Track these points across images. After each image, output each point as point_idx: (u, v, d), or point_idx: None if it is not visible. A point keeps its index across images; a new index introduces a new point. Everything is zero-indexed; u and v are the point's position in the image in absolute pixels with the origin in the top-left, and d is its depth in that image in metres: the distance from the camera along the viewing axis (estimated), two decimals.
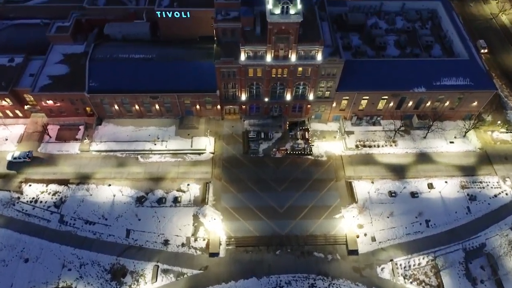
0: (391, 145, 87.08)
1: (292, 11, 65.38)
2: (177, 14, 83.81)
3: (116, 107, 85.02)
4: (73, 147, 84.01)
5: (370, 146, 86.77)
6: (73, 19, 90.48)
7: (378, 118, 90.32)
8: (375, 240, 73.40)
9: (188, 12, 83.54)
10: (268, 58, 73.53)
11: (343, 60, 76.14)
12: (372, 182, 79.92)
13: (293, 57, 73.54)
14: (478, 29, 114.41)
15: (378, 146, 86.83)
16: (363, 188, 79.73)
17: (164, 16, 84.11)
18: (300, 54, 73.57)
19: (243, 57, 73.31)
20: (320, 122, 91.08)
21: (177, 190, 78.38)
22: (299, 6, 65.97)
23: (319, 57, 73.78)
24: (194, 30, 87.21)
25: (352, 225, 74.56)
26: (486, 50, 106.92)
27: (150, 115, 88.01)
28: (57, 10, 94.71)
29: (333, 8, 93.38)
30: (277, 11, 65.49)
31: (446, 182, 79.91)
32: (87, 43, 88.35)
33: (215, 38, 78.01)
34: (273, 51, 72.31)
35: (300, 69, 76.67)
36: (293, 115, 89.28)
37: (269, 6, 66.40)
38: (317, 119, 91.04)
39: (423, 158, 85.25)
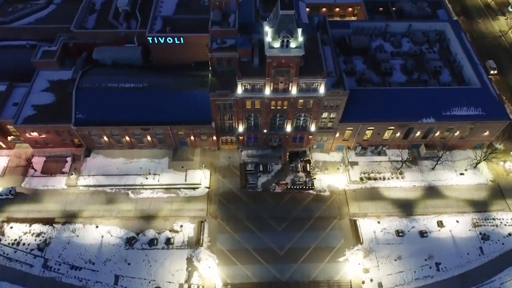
0: (397, 178, 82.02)
1: (292, 45, 60.27)
2: (169, 40, 78.68)
3: (105, 138, 79.86)
4: (60, 182, 78.82)
5: (375, 179, 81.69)
6: (60, 42, 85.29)
7: (384, 148, 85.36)
8: (382, 287, 68.39)
9: (181, 38, 78.52)
10: (267, 91, 68.45)
11: (347, 92, 71.05)
12: (379, 222, 74.89)
13: (293, 90, 68.46)
14: (486, 47, 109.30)
15: (384, 179, 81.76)
16: (369, 227, 74.65)
17: (156, 42, 79.09)
18: (301, 87, 68.51)
19: (240, 90, 68.22)
20: (322, 152, 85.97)
21: (170, 230, 73.22)
22: (300, 39, 60.85)
23: (321, 89, 68.71)
24: (189, 55, 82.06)
25: (357, 269, 69.54)
26: (495, 72, 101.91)
27: (141, 146, 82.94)
28: (44, 32, 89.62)
29: (335, 30, 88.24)
30: (277, 44, 60.40)
31: (457, 221, 75.03)
32: (75, 69, 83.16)
33: (210, 68, 72.89)
34: (272, 84, 67.30)
35: (301, 101, 71.71)
36: (294, 145, 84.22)
37: (268, 38, 61.29)
38: (319, 148, 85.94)
39: (432, 192, 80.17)
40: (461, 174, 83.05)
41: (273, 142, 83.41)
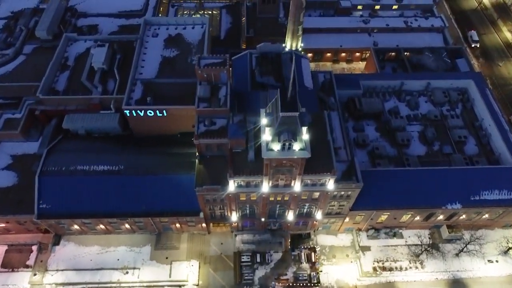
0: (416, 267, 70.78)
1: (296, 147, 48.80)
2: (150, 113, 67.28)
3: (77, 226, 68.53)
4: (23, 279, 67.19)
5: (391, 269, 70.29)
6: (25, 109, 73.53)
7: (400, 231, 74.15)
8: None
9: (164, 111, 67.07)
10: (265, 187, 57.05)
11: (361, 184, 59.70)
12: None
13: (297, 186, 57.08)
14: (510, 97, 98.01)
15: (401, 269, 70.40)
16: None
17: (134, 115, 67.66)
18: (306, 182, 57.18)
19: (232, 187, 56.78)
20: (329, 234, 74.49)
21: None
22: (306, 137, 49.36)
23: (330, 185, 57.32)
24: (173, 126, 70.64)
25: None
26: None
27: (119, 231, 71.59)
28: (9, 90, 77.92)
29: (343, 91, 76.86)
30: (277, 147, 48.93)
31: None
32: (42, 141, 71.57)
33: (196, 154, 61.39)
34: (271, 181, 55.92)
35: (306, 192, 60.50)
36: (296, 228, 72.97)
37: (265, 137, 49.64)
38: (325, 229, 74.75)
39: (458, 287, 69.10)
40: (490, 261, 71.85)
41: (272, 226, 72.15)
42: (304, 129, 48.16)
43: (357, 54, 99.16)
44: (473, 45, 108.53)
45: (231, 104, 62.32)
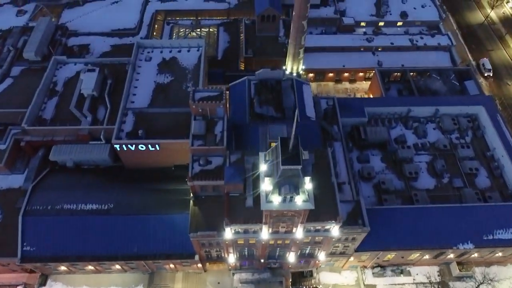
0: None
1: (298, 199, 44.62)
2: (142, 147, 63.13)
3: (64, 267, 64.39)
4: None
5: None
6: (10, 139, 69.32)
7: (408, 268, 70.07)
8: None
9: (157, 145, 62.91)
10: (265, 234, 52.85)
11: (368, 229, 55.59)
12: None
13: (299, 232, 52.92)
14: None
15: None
16: None
17: (125, 149, 63.49)
18: (309, 229, 53.04)
19: (229, 234, 52.60)
20: (332, 271, 70.30)
21: None
22: (310, 186, 45.14)
23: (335, 231, 53.17)
24: (167, 159, 66.43)
25: None
26: None
27: (110, 271, 67.40)
28: None
29: (348, 119, 72.78)
30: (277, 199, 44.72)
31: None
32: (27, 174, 67.43)
33: (191, 194, 57.22)
34: (271, 228, 51.79)
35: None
36: (298, 266, 68.81)
37: (265, 186, 45.33)
38: (329, 266, 70.59)
39: None
40: None
41: (272, 265, 68.02)
42: (307, 179, 44.02)
43: (361, 74, 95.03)
44: (486, 74, 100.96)
45: (228, 139, 58.25)
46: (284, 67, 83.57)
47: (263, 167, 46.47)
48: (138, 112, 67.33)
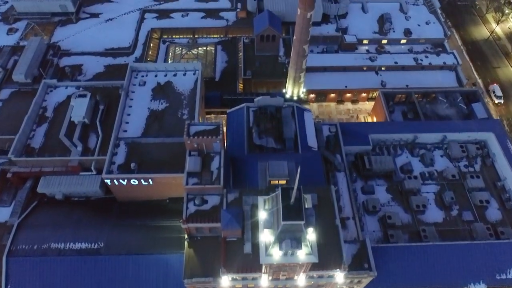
0: None
1: (301, 253, 41.09)
2: (134, 182, 59.66)
3: None
4: None
5: None
6: None
7: None
8: None
9: (150, 180, 59.44)
10: (264, 281, 49.28)
11: (374, 273, 52.12)
12: None
13: (301, 280, 49.39)
14: None
15: None
16: None
17: (116, 183, 60.01)
18: (312, 276, 49.53)
19: (226, 281, 49.04)
20: None
21: None
22: (313, 237, 41.64)
23: (339, 278, 49.68)
24: (162, 192, 63.06)
25: None
26: None
27: None
28: None
29: (351, 147, 69.53)
30: (278, 253, 41.21)
31: None
32: (14, 207, 64.01)
33: (185, 236, 53.70)
34: (271, 276, 48.31)
35: None
36: None
37: (264, 238, 41.92)
38: None
39: None
40: None
41: None
42: (311, 229, 40.57)
43: (364, 94, 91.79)
44: (497, 102, 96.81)
45: (225, 175, 54.84)
46: (284, 90, 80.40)
47: (262, 215, 43.06)
48: (131, 143, 63.90)
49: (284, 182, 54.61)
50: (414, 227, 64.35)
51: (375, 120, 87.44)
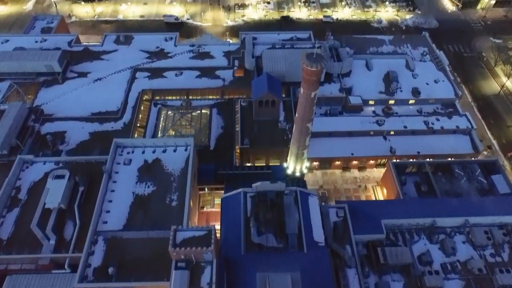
0: None
1: None
2: None
3: None
4: None
5: None
6: None
7: None
8: None
9: None
10: None
11: None
12: None
13: None
14: None
15: None
16: None
17: None
18: None
19: None
20: None
21: None
22: None
23: None
24: None
25: None
26: None
27: None
28: None
29: (362, 236, 61.43)
30: None
31: None
32: None
33: None
34: None
35: None
36: None
37: None
38: None
39: None
40: None
41: None
42: None
43: (372, 161, 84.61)
44: None
45: (219, 284, 46.47)
46: (285, 165, 73.15)
47: None
48: (111, 238, 55.71)
49: None
50: None
51: (385, 192, 79.65)
